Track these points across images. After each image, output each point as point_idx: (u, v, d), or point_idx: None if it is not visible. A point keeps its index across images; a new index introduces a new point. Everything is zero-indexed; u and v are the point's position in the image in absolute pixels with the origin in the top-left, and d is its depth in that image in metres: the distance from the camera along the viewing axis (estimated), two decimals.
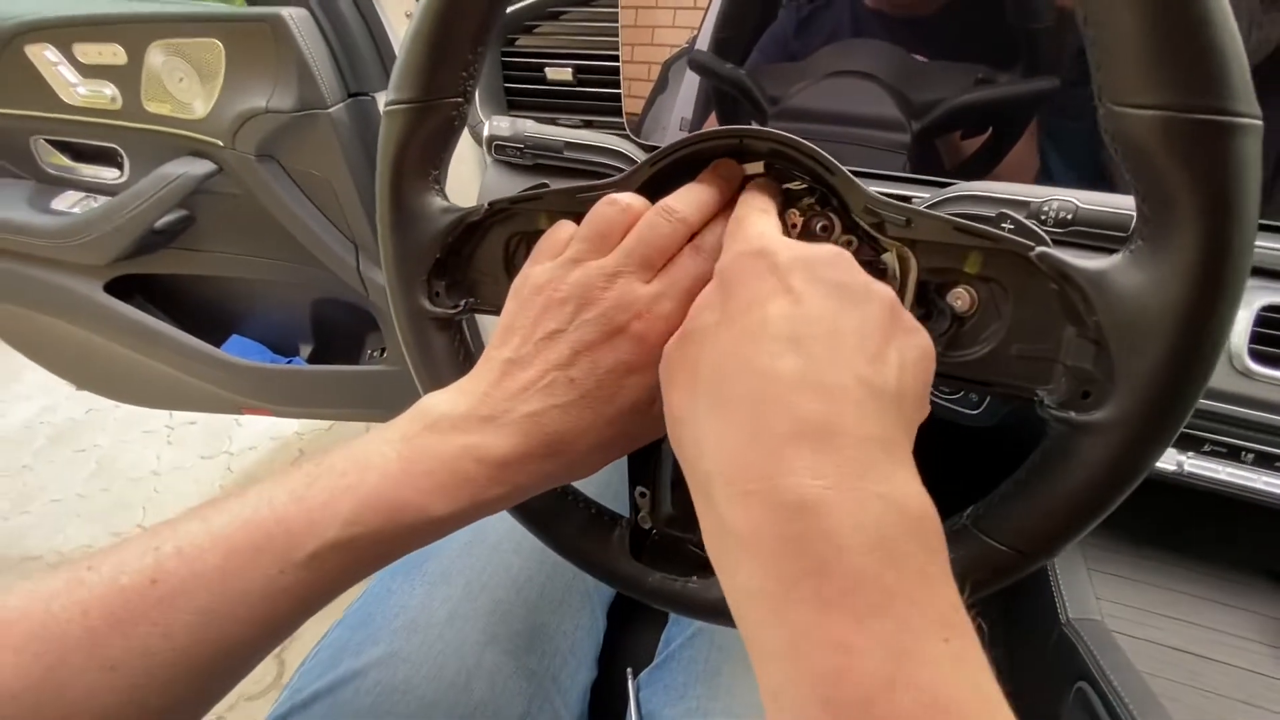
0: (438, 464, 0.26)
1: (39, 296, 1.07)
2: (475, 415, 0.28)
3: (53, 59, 0.85)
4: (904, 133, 0.62)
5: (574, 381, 0.28)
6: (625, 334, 0.28)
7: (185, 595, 0.23)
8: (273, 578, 0.24)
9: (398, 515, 0.25)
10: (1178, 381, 0.23)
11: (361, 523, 0.25)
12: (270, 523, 0.24)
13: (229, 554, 0.24)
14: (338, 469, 0.26)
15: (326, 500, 0.25)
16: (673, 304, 0.29)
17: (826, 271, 0.24)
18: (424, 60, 0.33)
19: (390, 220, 0.36)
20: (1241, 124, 0.21)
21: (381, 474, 0.26)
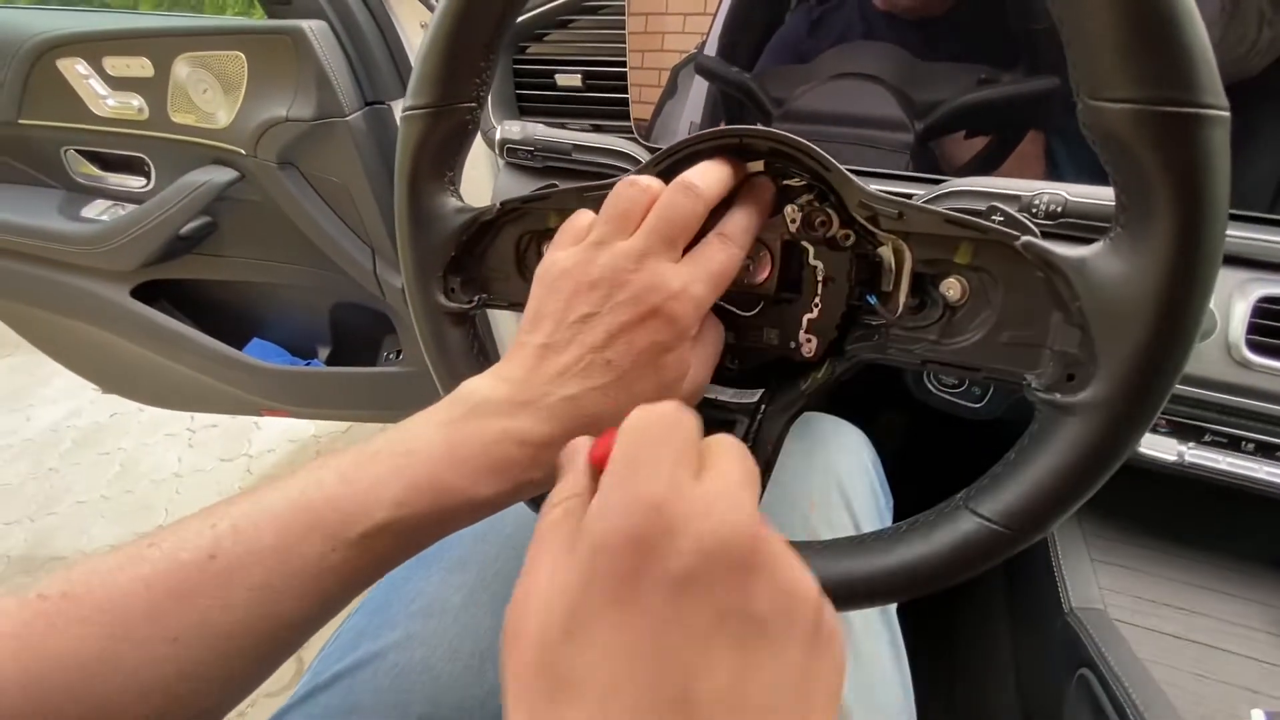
0: (480, 448, 0.27)
1: (68, 302, 1.11)
2: (514, 400, 0.29)
3: (83, 72, 0.89)
4: (907, 133, 0.63)
5: (610, 363, 0.29)
6: (659, 314, 0.29)
7: (243, 570, 0.24)
8: (324, 555, 0.25)
9: (443, 498, 0.26)
10: (1156, 362, 0.25)
11: (409, 504, 0.26)
12: (320, 503, 0.25)
13: (283, 531, 0.25)
14: (384, 452, 0.27)
15: (374, 483, 0.26)
16: (704, 288, 0.30)
17: (736, 597, 0.18)
18: (439, 68, 0.35)
19: (408, 220, 0.38)
20: (1209, 115, 0.22)
21: (428, 458, 0.27)
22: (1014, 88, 0.60)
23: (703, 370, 0.32)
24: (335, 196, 0.91)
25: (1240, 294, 0.45)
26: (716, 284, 0.31)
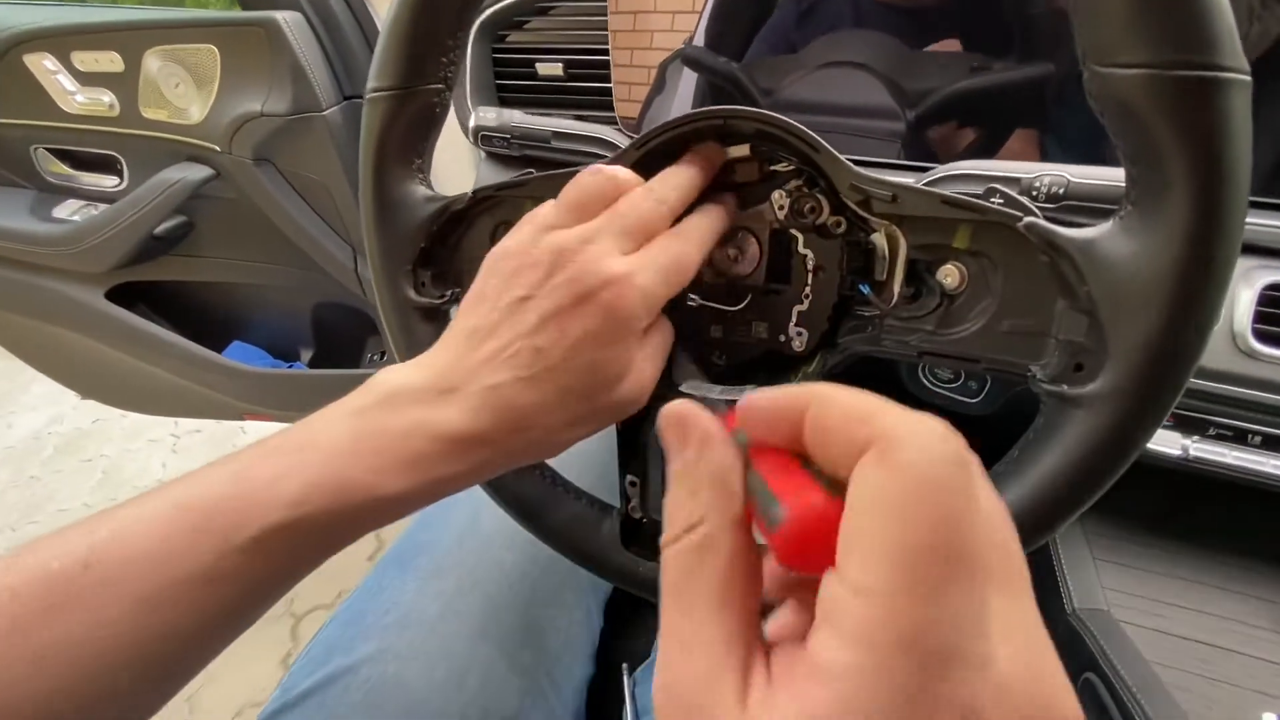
0: (388, 440, 0.25)
1: (42, 305, 1.08)
2: (433, 388, 0.26)
3: (51, 68, 0.86)
4: (898, 121, 0.62)
5: (540, 351, 0.26)
6: (594, 301, 0.26)
7: (119, 582, 0.22)
8: (212, 563, 0.22)
9: (346, 495, 0.24)
10: (1172, 350, 0.23)
11: (308, 503, 0.23)
12: (209, 505, 0.23)
13: (165, 538, 0.22)
14: (283, 447, 0.25)
15: (270, 480, 0.24)
16: (651, 278, 0.27)
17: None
18: (403, 47, 0.33)
19: (373, 209, 0.35)
20: (1229, 79, 0.20)
21: (329, 452, 0.24)
22: (1007, 75, 0.58)
23: (649, 374, 0.29)
24: (314, 194, 0.89)
25: (1245, 282, 0.43)
26: (667, 278, 0.28)
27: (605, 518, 0.37)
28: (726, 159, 0.34)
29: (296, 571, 0.25)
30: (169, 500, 0.23)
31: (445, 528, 0.48)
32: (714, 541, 0.15)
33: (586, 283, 0.26)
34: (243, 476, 0.24)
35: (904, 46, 0.63)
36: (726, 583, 0.15)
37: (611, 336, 0.27)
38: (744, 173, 0.34)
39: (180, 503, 0.23)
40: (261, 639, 1.36)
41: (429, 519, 0.50)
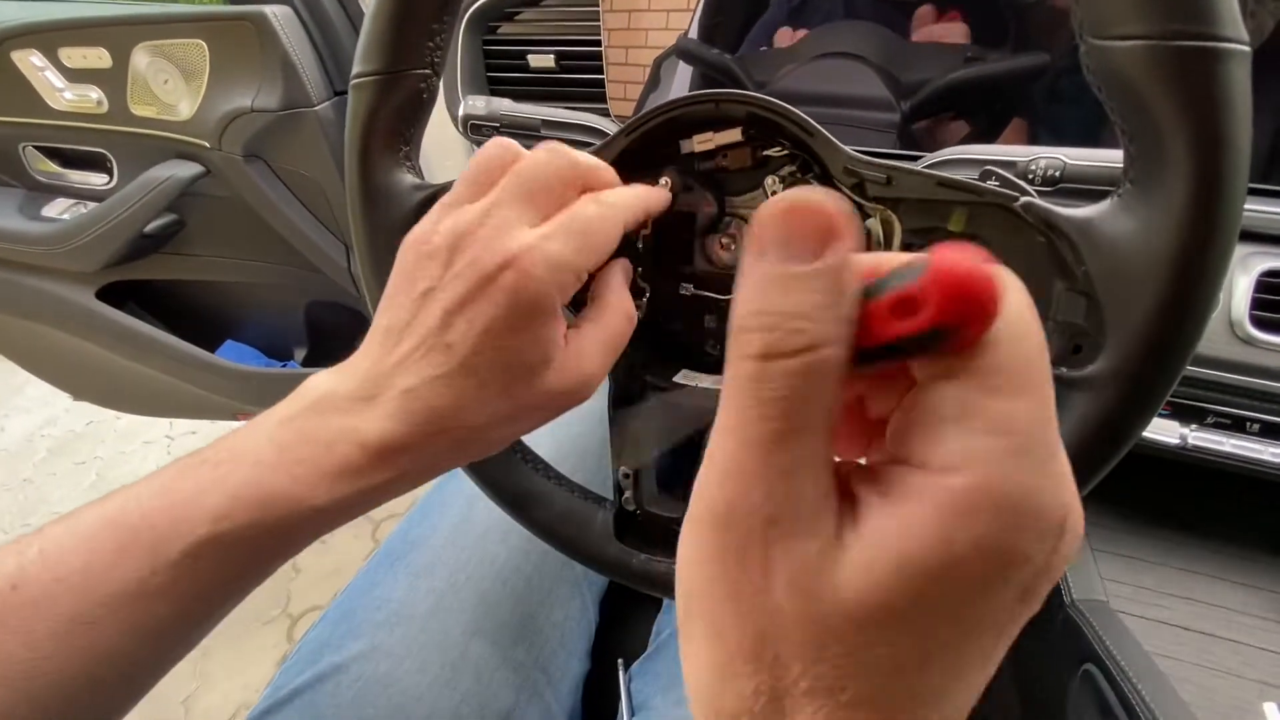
0: (315, 450, 0.24)
1: (32, 305, 1.07)
2: (354, 395, 0.25)
3: (38, 64, 0.85)
4: (893, 112, 0.61)
5: (450, 348, 0.25)
6: (496, 284, 0.24)
7: (48, 601, 0.21)
8: (143, 579, 0.22)
9: (271, 505, 0.23)
10: (1171, 329, 0.22)
11: (231, 517, 0.23)
12: (137, 520, 0.22)
13: (94, 554, 0.22)
14: (210, 459, 0.24)
15: (194, 494, 0.23)
16: (561, 246, 0.25)
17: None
18: (388, 31, 0.32)
19: (359, 198, 0.35)
20: (1228, 49, 0.20)
21: (254, 462, 0.23)
22: (1001, 65, 0.58)
23: (590, 364, 0.27)
24: (306, 190, 0.88)
25: (1242, 268, 0.43)
26: (582, 245, 0.25)
27: (599, 510, 0.36)
28: (719, 145, 0.33)
29: (230, 586, 0.24)
30: (97, 516, 0.23)
31: (437, 524, 0.48)
32: (839, 361, 0.13)
33: (485, 265, 0.24)
34: (169, 489, 0.23)
35: (898, 38, 0.63)
36: (836, 406, 0.14)
37: (521, 321, 0.25)
38: (736, 159, 0.34)
39: (108, 518, 0.23)
40: (257, 641, 1.36)
41: (421, 515, 0.49)
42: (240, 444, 0.24)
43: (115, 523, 0.23)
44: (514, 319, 0.24)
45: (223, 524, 0.23)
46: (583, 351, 0.27)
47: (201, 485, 0.23)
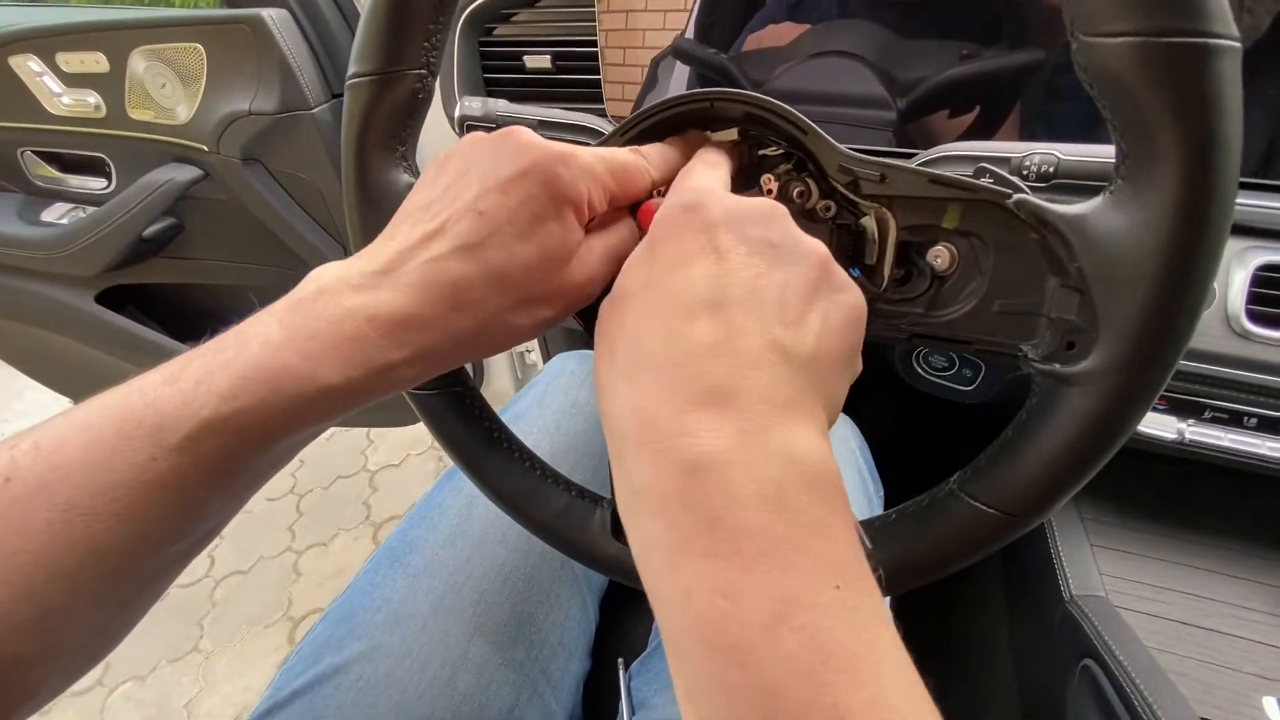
0: (324, 325, 0.23)
1: (32, 310, 1.07)
2: (368, 272, 0.25)
3: (36, 69, 0.85)
4: (889, 110, 0.61)
5: (482, 215, 0.25)
6: (536, 170, 0.26)
7: (44, 491, 0.20)
8: (143, 466, 0.21)
9: (280, 384, 0.22)
10: (1164, 325, 0.22)
11: (240, 396, 0.22)
12: (140, 407, 0.22)
13: (91, 444, 0.21)
14: (215, 347, 0.23)
15: (202, 377, 0.22)
16: (590, 158, 0.27)
17: (755, 229, 0.23)
18: (383, 31, 0.32)
19: (356, 197, 0.35)
20: (1218, 45, 0.20)
21: (263, 342, 0.23)
22: (997, 62, 0.58)
23: (599, 269, 0.29)
24: (304, 193, 0.88)
25: (1239, 263, 0.43)
26: (614, 171, 0.28)
27: (596, 509, 0.36)
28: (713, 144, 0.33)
29: (234, 477, 0.23)
30: (98, 406, 0.22)
31: (437, 524, 0.48)
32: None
33: (529, 153, 0.26)
34: (174, 377, 0.22)
35: (894, 35, 0.63)
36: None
37: (554, 207, 0.26)
38: (731, 157, 0.34)
39: (110, 406, 0.22)
40: (259, 644, 1.36)
41: (420, 516, 0.50)
42: (247, 329, 0.24)
43: (116, 410, 0.22)
44: (548, 201, 0.26)
45: (231, 403, 0.22)
46: (592, 249, 0.29)
47: (209, 369, 0.22)
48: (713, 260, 0.23)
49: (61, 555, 0.20)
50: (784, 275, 0.23)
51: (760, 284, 0.22)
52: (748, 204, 0.24)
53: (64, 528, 0.20)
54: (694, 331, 0.21)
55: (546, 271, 0.27)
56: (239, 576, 1.49)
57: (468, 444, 0.36)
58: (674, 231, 0.24)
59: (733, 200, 0.24)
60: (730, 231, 0.23)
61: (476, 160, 0.27)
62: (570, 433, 0.55)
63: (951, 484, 0.28)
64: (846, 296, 0.24)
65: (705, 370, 0.21)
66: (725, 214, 0.24)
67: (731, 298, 0.22)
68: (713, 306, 0.22)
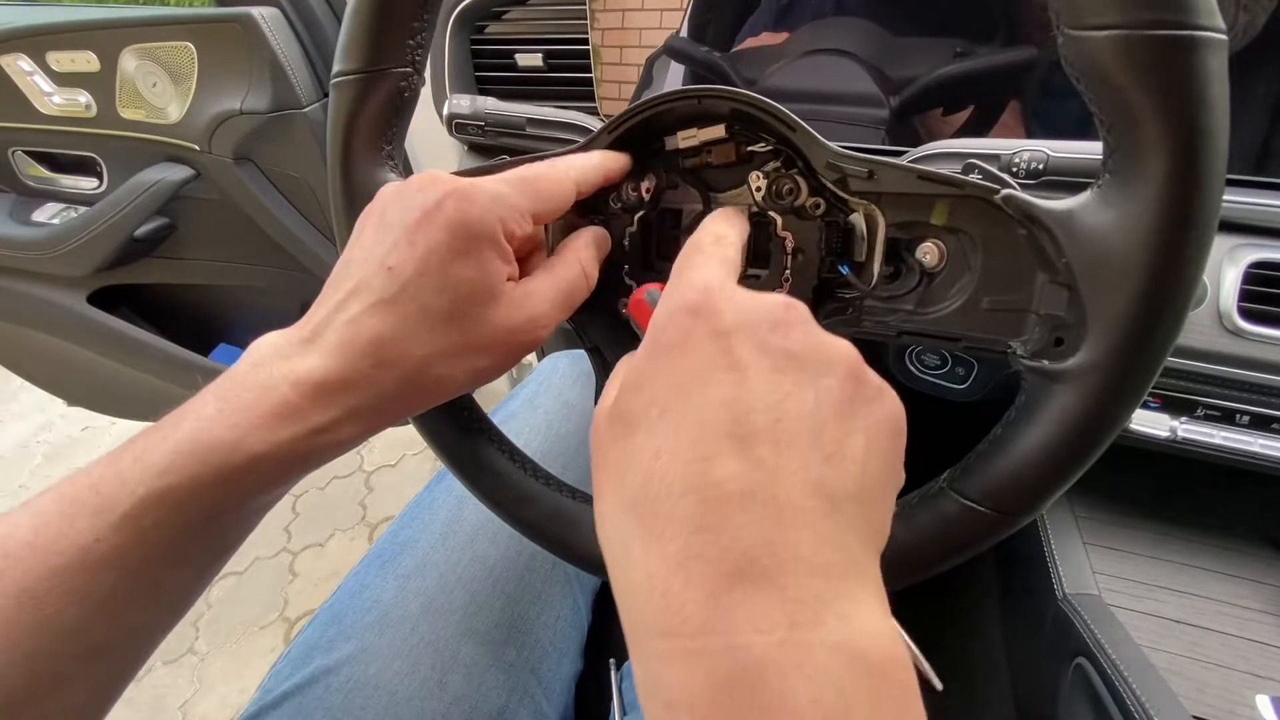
0: (252, 396, 0.23)
1: (23, 311, 1.06)
2: (297, 339, 0.25)
3: (26, 68, 0.85)
4: (882, 108, 0.61)
5: (392, 270, 0.25)
6: (441, 209, 0.25)
7: (2, 576, 0.21)
8: (87, 547, 0.21)
9: (209, 456, 0.22)
10: (1152, 320, 0.22)
11: (175, 470, 0.22)
12: (84, 488, 0.22)
13: (39, 529, 0.22)
14: (157, 425, 0.24)
15: (139, 454, 0.23)
16: (498, 186, 0.27)
17: (774, 336, 0.20)
18: (368, 29, 0.32)
19: (342, 197, 0.35)
20: (1203, 38, 0.20)
21: (196, 417, 0.23)
22: (990, 59, 0.58)
23: (542, 300, 0.28)
24: (297, 192, 0.88)
25: (1230, 260, 0.43)
26: (525, 189, 0.27)
27: (586, 509, 0.36)
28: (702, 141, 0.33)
29: (177, 546, 0.23)
30: (50, 492, 0.23)
31: (427, 525, 0.47)
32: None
33: (432, 195, 0.26)
34: (115, 457, 0.23)
35: (887, 34, 0.63)
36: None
37: (464, 246, 0.25)
38: (720, 155, 0.34)
39: (57, 491, 0.23)
40: (254, 646, 1.35)
41: (411, 517, 0.49)
42: (187, 405, 0.24)
43: (61, 493, 0.22)
44: (456, 242, 0.25)
45: (167, 478, 0.22)
46: (530, 292, 0.28)
47: (147, 446, 0.23)
48: (731, 380, 0.19)
49: (17, 641, 0.21)
50: (814, 393, 0.19)
51: (789, 408, 0.19)
52: (762, 304, 0.21)
53: (16, 612, 0.21)
54: (718, 477, 0.18)
55: (471, 318, 0.26)
56: (234, 577, 1.49)
57: (457, 445, 0.36)
58: (679, 341, 0.21)
59: (745, 299, 0.21)
60: (747, 341, 0.20)
61: (387, 213, 0.27)
62: (562, 433, 0.55)
63: (941, 482, 0.28)
64: (885, 405, 0.21)
65: (737, 532, 0.17)
66: (738, 319, 0.20)
67: (758, 429, 0.18)
68: (737, 442, 0.18)
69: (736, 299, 0.21)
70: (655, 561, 0.18)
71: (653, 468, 0.19)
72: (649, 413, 0.20)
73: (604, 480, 0.21)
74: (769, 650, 0.15)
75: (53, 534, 0.22)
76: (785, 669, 0.15)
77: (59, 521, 0.22)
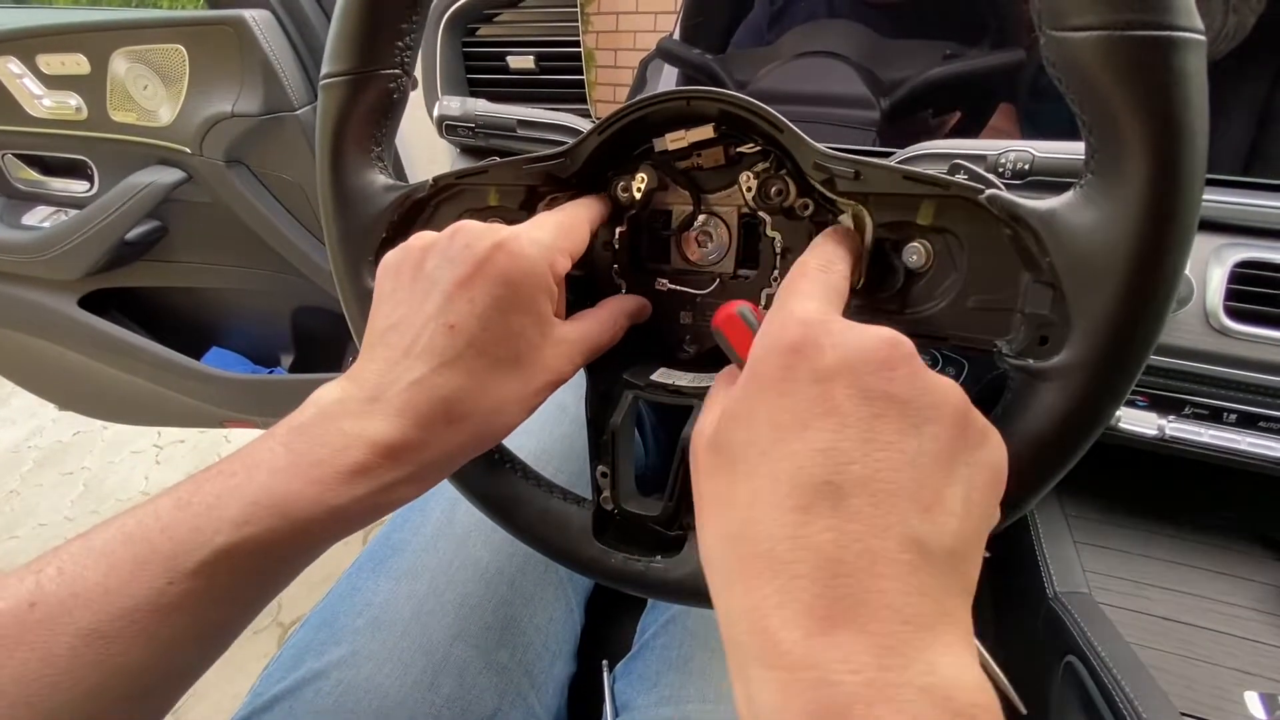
0: (327, 453, 0.24)
1: (14, 314, 1.06)
2: (360, 398, 0.25)
3: (16, 71, 0.84)
4: (873, 110, 0.62)
5: (454, 328, 0.26)
6: (492, 264, 0.26)
7: (66, 616, 0.21)
8: (160, 590, 0.22)
9: (290, 510, 0.23)
10: (1135, 318, 0.22)
11: (253, 522, 0.23)
12: (155, 532, 0.23)
13: (110, 570, 0.22)
14: (225, 470, 0.24)
15: (213, 503, 0.23)
16: (538, 233, 0.28)
17: (876, 379, 0.19)
18: (356, 31, 0.32)
19: (332, 199, 0.35)
20: (1182, 38, 0.20)
21: (270, 469, 0.24)
22: (980, 61, 0.59)
23: (582, 344, 0.30)
24: (289, 195, 0.88)
25: (1216, 260, 0.43)
26: (558, 232, 0.29)
27: (577, 510, 0.36)
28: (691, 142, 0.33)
29: (248, 597, 0.24)
30: (115, 531, 0.23)
31: (419, 527, 0.47)
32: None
33: (478, 248, 0.26)
34: (186, 503, 0.23)
35: (878, 36, 0.63)
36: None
37: (520, 296, 0.26)
38: (710, 156, 0.34)
39: (126, 533, 0.23)
40: (248, 651, 1.35)
41: (403, 519, 0.49)
42: (254, 454, 0.25)
43: (133, 537, 0.23)
44: (511, 294, 0.26)
45: (242, 530, 0.23)
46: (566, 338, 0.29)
47: (219, 495, 0.23)
48: (830, 426, 0.19)
49: (81, 678, 0.21)
50: (916, 443, 0.19)
51: (887, 458, 0.19)
52: (866, 344, 0.20)
53: (85, 651, 0.21)
54: (812, 529, 0.18)
55: (529, 362, 0.27)
56: None
57: None
58: (778, 379, 0.21)
59: (849, 338, 0.20)
60: (848, 385, 0.19)
61: (430, 268, 0.27)
62: (554, 435, 0.55)
63: None
64: (989, 451, 0.20)
65: (831, 580, 0.17)
66: (840, 361, 0.20)
67: (854, 480, 0.18)
68: (834, 493, 0.18)
69: (840, 337, 0.20)
70: (756, 599, 0.18)
71: (751, 512, 0.19)
72: (748, 453, 0.20)
73: (706, 509, 0.22)
74: (858, 688, 0.16)
75: (124, 578, 0.22)
76: (872, 703, 0.16)
77: (131, 564, 0.22)
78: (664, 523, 0.34)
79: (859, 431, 0.19)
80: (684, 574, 0.33)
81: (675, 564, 0.33)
